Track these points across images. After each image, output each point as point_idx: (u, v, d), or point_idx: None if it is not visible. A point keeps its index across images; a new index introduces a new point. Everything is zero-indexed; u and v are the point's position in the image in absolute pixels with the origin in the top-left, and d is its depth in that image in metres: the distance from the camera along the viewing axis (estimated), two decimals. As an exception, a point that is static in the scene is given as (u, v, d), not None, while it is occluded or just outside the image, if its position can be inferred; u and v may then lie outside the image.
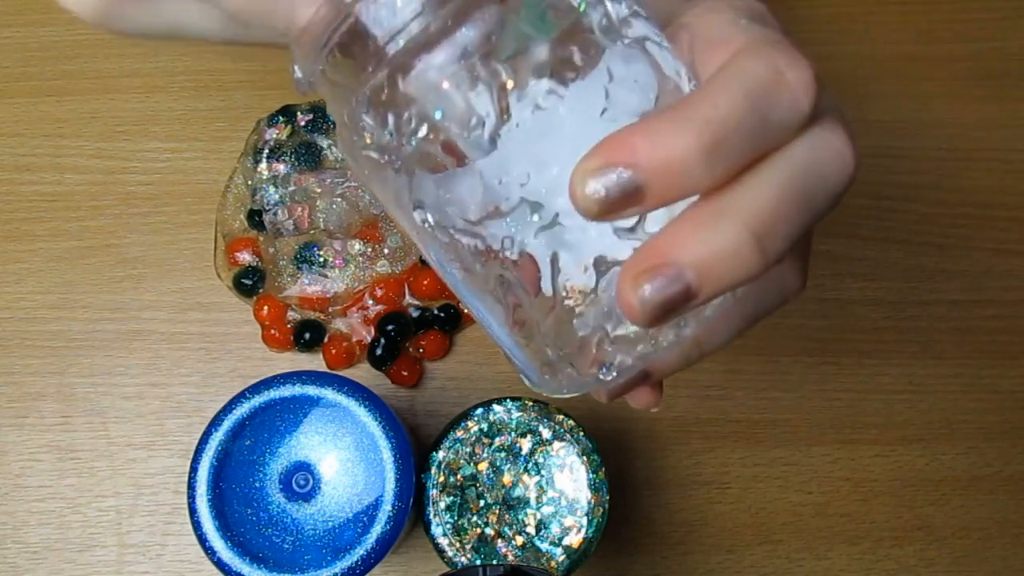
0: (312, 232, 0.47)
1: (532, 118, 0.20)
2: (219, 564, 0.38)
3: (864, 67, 0.54)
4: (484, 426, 0.41)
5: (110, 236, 0.50)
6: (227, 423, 0.39)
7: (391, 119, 0.20)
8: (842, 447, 0.49)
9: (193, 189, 0.51)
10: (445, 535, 0.41)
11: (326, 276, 0.47)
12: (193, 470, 0.39)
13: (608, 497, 0.41)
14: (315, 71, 0.21)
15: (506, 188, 0.20)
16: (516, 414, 0.41)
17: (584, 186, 0.18)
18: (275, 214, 0.47)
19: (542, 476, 0.41)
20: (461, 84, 0.19)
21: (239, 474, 0.40)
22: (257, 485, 0.40)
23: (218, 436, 0.39)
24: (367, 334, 0.48)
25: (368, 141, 0.21)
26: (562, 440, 0.41)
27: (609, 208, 0.18)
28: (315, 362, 0.48)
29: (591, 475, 0.41)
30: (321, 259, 0.47)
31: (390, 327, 0.47)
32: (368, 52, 0.20)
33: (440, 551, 0.41)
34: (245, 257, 0.48)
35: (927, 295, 0.51)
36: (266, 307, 0.47)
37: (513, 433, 0.41)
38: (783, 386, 0.49)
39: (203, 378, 0.48)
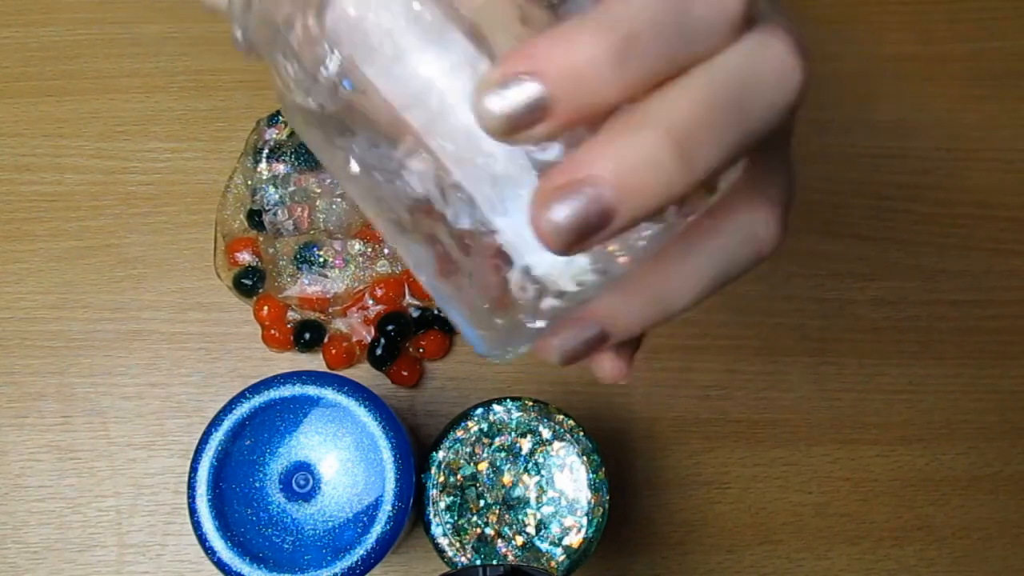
0: (312, 232, 0.47)
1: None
2: (219, 564, 0.38)
3: (864, 67, 0.54)
4: (484, 426, 0.41)
5: (110, 236, 0.50)
6: (227, 423, 0.39)
7: (314, 58, 0.19)
8: (842, 447, 0.49)
9: (193, 189, 0.51)
10: (445, 535, 0.41)
11: (326, 276, 0.47)
12: (193, 470, 0.39)
13: (608, 497, 0.41)
14: (248, 23, 0.20)
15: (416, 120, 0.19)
16: (516, 414, 0.41)
17: (485, 101, 0.16)
18: (275, 214, 0.47)
19: (542, 476, 0.41)
20: (376, 14, 0.18)
21: (239, 474, 0.40)
22: (257, 485, 0.40)
23: (218, 436, 0.39)
24: (367, 334, 0.48)
25: (293, 87, 0.20)
26: (562, 440, 0.41)
27: (514, 125, 0.17)
28: (315, 362, 0.48)
29: (591, 475, 0.41)
30: (321, 259, 0.47)
31: (390, 327, 0.47)
32: None
33: (440, 551, 0.41)
34: (245, 257, 0.48)
35: (927, 295, 0.51)
36: (266, 307, 0.47)
37: (513, 433, 0.41)
38: (783, 386, 0.49)
39: (203, 378, 0.48)
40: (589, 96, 0.17)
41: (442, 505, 0.41)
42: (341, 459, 0.41)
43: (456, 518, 0.41)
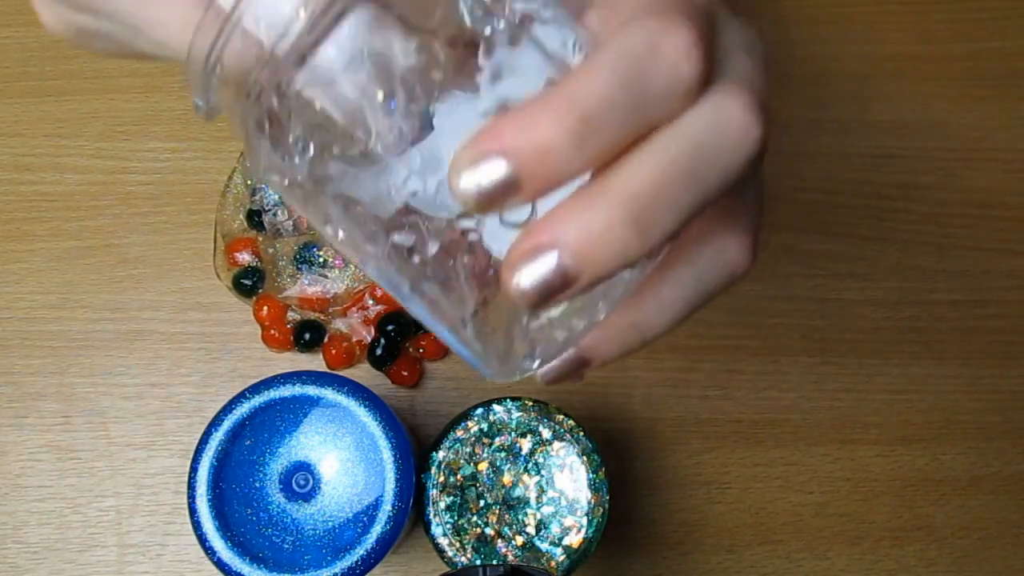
0: (312, 232, 0.47)
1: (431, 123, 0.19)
2: (219, 564, 0.38)
3: (864, 67, 0.54)
4: (484, 426, 0.41)
5: (110, 236, 0.50)
6: (227, 423, 0.39)
7: (287, 130, 0.19)
8: (842, 447, 0.49)
9: (193, 189, 0.51)
10: (445, 535, 0.41)
11: (326, 276, 0.47)
12: (193, 470, 0.39)
13: (608, 497, 0.41)
14: (208, 92, 0.20)
15: (399, 196, 0.20)
16: (516, 414, 0.41)
17: (459, 180, 0.18)
18: (275, 214, 0.47)
19: (542, 476, 0.41)
20: (355, 85, 0.19)
21: (239, 474, 0.40)
22: (257, 485, 0.40)
23: (218, 436, 0.39)
24: (367, 334, 0.48)
25: (266, 162, 0.20)
26: (562, 440, 0.41)
27: (487, 200, 0.18)
28: (315, 362, 0.48)
29: (591, 475, 0.41)
30: (321, 259, 0.47)
31: (390, 327, 0.47)
32: (257, 60, 0.19)
33: (440, 551, 0.41)
34: (245, 257, 0.48)
35: (927, 295, 0.51)
36: (266, 307, 0.47)
37: (513, 433, 0.41)
38: (783, 386, 0.49)
39: (203, 378, 0.48)
40: (554, 172, 0.18)
41: (442, 505, 0.41)
42: (341, 459, 0.41)
43: (456, 518, 0.41)
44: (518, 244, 0.18)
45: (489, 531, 0.41)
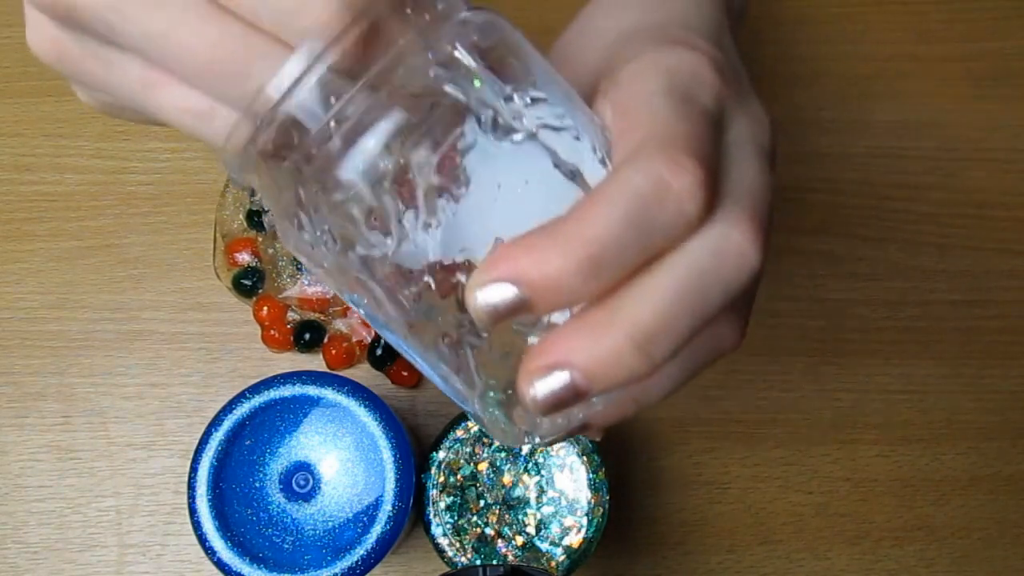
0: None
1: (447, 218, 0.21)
2: (219, 564, 0.38)
3: (864, 67, 0.54)
4: (484, 426, 0.41)
5: (110, 236, 0.50)
6: (227, 423, 0.39)
7: (314, 224, 0.21)
8: (842, 447, 0.49)
9: (193, 189, 0.51)
10: (445, 535, 0.41)
11: (326, 276, 0.47)
12: (193, 470, 0.39)
13: (608, 497, 0.41)
14: (247, 175, 0.21)
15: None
16: (516, 414, 0.41)
17: (474, 299, 0.19)
18: (275, 214, 0.47)
19: (542, 476, 0.41)
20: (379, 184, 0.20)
21: (239, 474, 0.40)
22: (257, 485, 0.40)
23: (218, 436, 0.39)
24: (367, 334, 0.48)
25: (294, 246, 0.21)
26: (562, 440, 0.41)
27: (500, 317, 0.20)
28: (315, 362, 0.48)
29: (591, 475, 0.41)
30: (321, 259, 0.47)
31: (390, 327, 0.47)
32: (293, 147, 0.20)
33: (440, 551, 0.41)
34: (244, 257, 0.48)
35: (927, 295, 0.51)
36: (266, 308, 0.47)
37: (513, 433, 0.41)
38: (783, 386, 0.49)
39: (203, 378, 0.48)
40: (564, 300, 0.20)
41: (442, 505, 0.41)
42: (341, 459, 0.41)
43: (456, 518, 0.41)
44: (534, 359, 0.20)
45: (489, 531, 0.41)
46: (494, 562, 0.40)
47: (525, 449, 0.24)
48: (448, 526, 0.41)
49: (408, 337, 0.22)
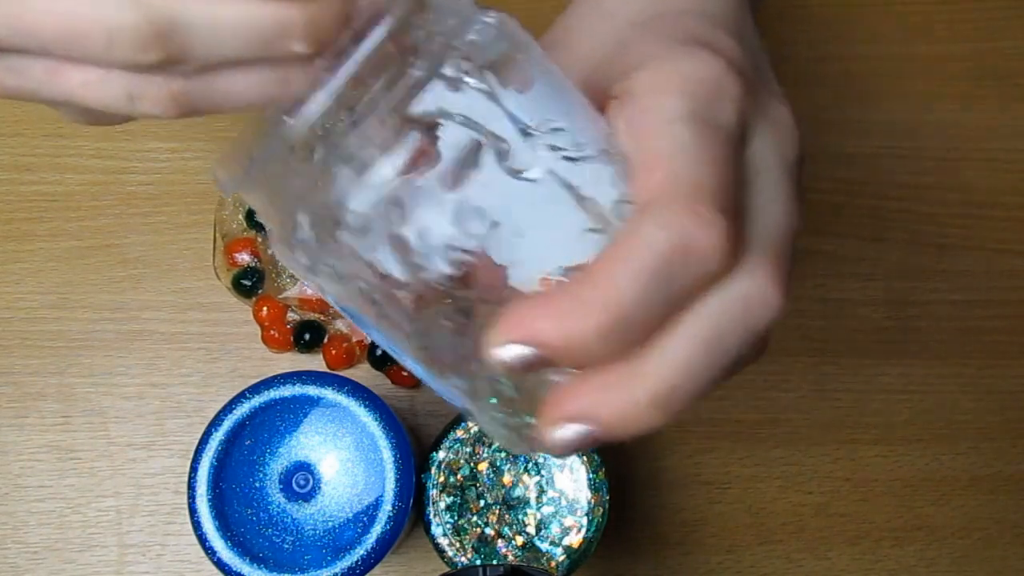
0: (312, 232, 0.47)
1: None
2: (219, 564, 0.38)
3: (864, 67, 0.54)
4: (484, 426, 0.41)
5: (110, 236, 0.50)
6: (227, 423, 0.39)
7: (318, 260, 0.21)
8: (842, 447, 0.48)
9: (193, 189, 0.51)
10: (445, 535, 0.41)
11: (326, 276, 0.47)
12: (193, 470, 0.39)
13: (608, 497, 0.41)
14: (244, 181, 0.22)
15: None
16: (516, 414, 0.41)
17: (492, 356, 0.20)
18: (275, 214, 0.47)
19: (542, 476, 0.41)
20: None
21: (239, 474, 0.40)
22: (257, 485, 0.40)
23: (218, 436, 0.39)
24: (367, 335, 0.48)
25: (301, 276, 0.22)
26: (562, 440, 0.41)
27: (518, 372, 0.20)
28: (315, 362, 0.48)
29: (591, 475, 0.41)
30: (321, 259, 0.47)
31: (390, 327, 0.47)
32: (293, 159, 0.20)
33: (440, 551, 0.41)
34: (244, 258, 0.48)
35: (927, 295, 0.51)
36: (265, 308, 0.47)
37: (513, 433, 0.41)
38: (783, 386, 0.49)
39: (203, 378, 0.48)
40: (583, 360, 0.20)
41: (442, 505, 0.41)
42: (341, 459, 0.41)
43: (456, 518, 0.41)
44: (556, 407, 0.21)
45: (489, 531, 0.41)
46: (494, 562, 0.40)
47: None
48: (448, 526, 0.41)
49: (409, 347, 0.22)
